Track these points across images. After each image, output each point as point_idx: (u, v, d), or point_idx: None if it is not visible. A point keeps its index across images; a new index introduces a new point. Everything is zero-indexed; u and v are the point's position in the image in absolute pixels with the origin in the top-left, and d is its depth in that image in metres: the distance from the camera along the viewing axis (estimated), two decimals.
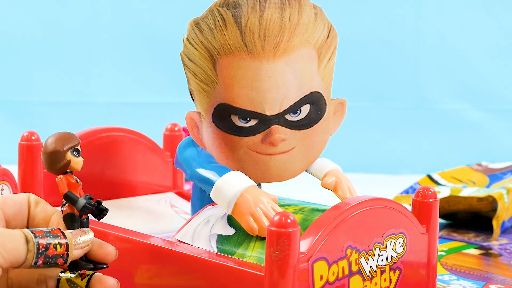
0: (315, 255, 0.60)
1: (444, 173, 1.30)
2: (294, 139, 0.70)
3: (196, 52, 0.70)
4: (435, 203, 0.70)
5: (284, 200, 0.75)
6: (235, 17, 0.68)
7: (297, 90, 0.69)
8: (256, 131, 0.69)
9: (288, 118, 0.69)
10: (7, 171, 0.80)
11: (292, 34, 0.68)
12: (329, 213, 0.62)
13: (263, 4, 0.67)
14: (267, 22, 0.67)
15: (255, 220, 0.65)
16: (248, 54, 0.68)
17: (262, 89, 0.68)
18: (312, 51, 0.69)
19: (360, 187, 1.56)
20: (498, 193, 1.08)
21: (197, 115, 0.72)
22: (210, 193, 0.68)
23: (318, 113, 0.71)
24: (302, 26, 0.68)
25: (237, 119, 0.69)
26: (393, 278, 0.66)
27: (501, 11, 1.78)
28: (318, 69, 0.70)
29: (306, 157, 0.72)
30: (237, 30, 0.68)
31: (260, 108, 0.68)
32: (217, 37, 0.69)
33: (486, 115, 1.79)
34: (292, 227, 0.56)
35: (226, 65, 0.69)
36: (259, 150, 0.70)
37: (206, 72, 0.70)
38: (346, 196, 0.74)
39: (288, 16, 0.68)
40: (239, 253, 0.65)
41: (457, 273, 0.89)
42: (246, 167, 0.71)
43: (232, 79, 0.68)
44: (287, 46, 0.68)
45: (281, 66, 0.68)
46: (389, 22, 1.78)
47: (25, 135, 0.83)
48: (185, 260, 0.66)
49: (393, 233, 0.66)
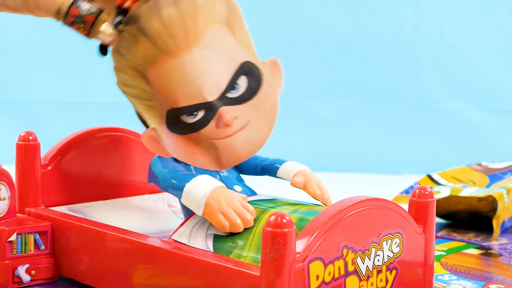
0: (311, 255, 0.60)
1: (444, 173, 1.30)
2: (246, 112, 0.72)
3: (127, 76, 0.73)
4: (431, 203, 0.70)
5: (280, 200, 0.75)
6: (140, 29, 0.71)
7: (226, 67, 0.71)
8: (207, 120, 0.71)
9: (230, 96, 0.71)
10: (4, 171, 0.80)
11: (195, 21, 0.70)
12: (325, 213, 0.62)
13: (157, 6, 0.70)
14: (168, 20, 0.70)
15: (226, 218, 0.67)
16: (166, 56, 0.70)
17: (193, 80, 0.70)
18: (221, 27, 0.72)
19: (360, 187, 1.56)
20: (498, 193, 1.08)
21: (152, 131, 0.74)
22: (181, 199, 0.70)
23: (256, 80, 0.73)
24: (200, 9, 0.71)
25: (186, 117, 0.71)
26: (389, 278, 0.66)
27: (501, 11, 1.77)
28: (235, 41, 0.73)
29: (266, 124, 0.74)
30: (147, 40, 0.70)
31: (200, 98, 0.70)
32: (135, 54, 0.71)
33: (486, 115, 1.79)
34: (288, 228, 0.56)
35: (154, 75, 0.71)
36: (219, 136, 0.71)
37: (143, 89, 0.73)
38: (316, 192, 0.76)
39: (184, 7, 0.70)
40: (236, 253, 0.66)
41: (457, 273, 0.89)
42: (216, 157, 0.72)
43: (165, 85, 0.71)
44: (196, 33, 0.70)
45: (200, 52, 0.70)
46: (389, 22, 1.78)
47: (22, 135, 0.83)
48: (182, 260, 0.66)
49: (389, 233, 0.66)
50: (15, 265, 0.78)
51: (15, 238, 0.78)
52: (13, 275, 0.78)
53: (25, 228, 0.79)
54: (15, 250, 0.78)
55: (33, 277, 0.79)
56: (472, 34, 1.77)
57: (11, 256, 0.78)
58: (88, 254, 0.77)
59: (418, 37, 1.78)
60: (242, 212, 0.67)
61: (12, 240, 0.78)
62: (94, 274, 0.76)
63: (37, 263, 0.79)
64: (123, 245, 0.72)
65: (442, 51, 1.78)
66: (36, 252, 0.80)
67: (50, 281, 0.81)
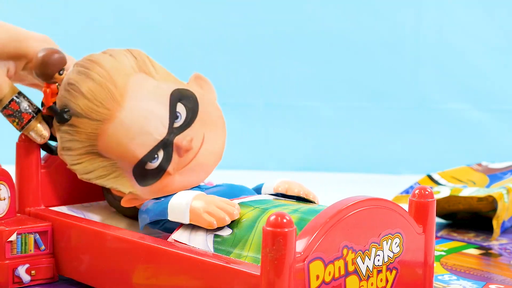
0: (311, 255, 0.60)
1: (444, 173, 1.30)
2: (197, 130, 0.77)
3: (84, 164, 0.77)
4: (431, 203, 0.70)
5: (280, 199, 0.75)
6: (75, 113, 0.76)
7: (160, 104, 0.76)
8: (169, 155, 0.76)
9: (177, 125, 0.76)
10: (4, 171, 0.80)
11: (114, 82, 0.75)
12: (325, 213, 0.62)
13: (75, 87, 0.75)
14: (91, 93, 0.75)
15: (211, 215, 0.69)
16: (106, 123, 0.75)
17: (138, 130, 0.75)
18: (137, 75, 0.77)
19: (360, 187, 1.57)
20: (498, 193, 1.08)
21: (129, 196, 0.77)
22: (168, 217, 0.72)
23: (191, 100, 0.78)
24: (112, 71, 0.76)
25: (150, 164, 0.75)
26: (389, 278, 0.66)
27: (501, 11, 1.77)
28: (155, 80, 0.77)
29: (218, 131, 0.79)
30: (83, 119, 0.75)
31: (153, 141, 0.75)
32: (80, 140, 0.76)
33: (487, 115, 1.79)
34: (288, 227, 0.56)
35: (105, 145, 0.76)
36: (186, 162, 0.76)
37: (103, 166, 0.77)
38: (300, 193, 0.77)
39: (97, 77, 0.75)
40: (236, 253, 0.66)
41: (457, 273, 0.89)
42: (192, 181, 0.77)
43: (118, 148, 0.75)
44: (120, 91, 0.75)
45: (131, 104, 0.75)
46: (389, 22, 1.78)
47: (22, 136, 0.83)
48: (182, 260, 0.66)
49: (389, 233, 0.66)
50: (15, 265, 0.78)
51: (15, 238, 0.78)
52: (13, 275, 0.78)
53: (25, 228, 0.79)
54: (15, 250, 0.78)
55: (33, 277, 0.79)
56: (472, 34, 1.77)
57: (11, 256, 0.78)
58: (88, 254, 0.77)
59: (418, 37, 1.78)
60: (225, 207, 0.70)
61: (12, 240, 0.78)
62: (94, 274, 0.76)
63: (37, 263, 0.79)
64: (123, 245, 0.72)
65: (442, 51, 1.78)
66: (36, 252, 0.80)
67: (50, 281, 0.81)
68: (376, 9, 1.78)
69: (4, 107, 0.79)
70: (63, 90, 0.77)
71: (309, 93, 1.79)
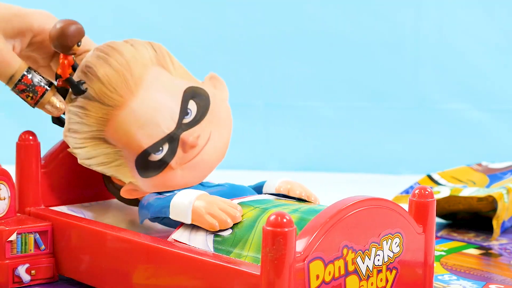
0: (311, 255, 0.60)
1: (444, 173, 1.30)
2: (205, 128, 0.77)
3: (87, 149, 0.77)
4: (431, 203, 0.70)
5: (281, 199, 0.75)
6: (85, 97, 0.76)
7: (172, 99, 0.76)
8: (174, 150, 0.75)
9: (186, 121, 0.76)
10: (5, 171, 0.80)
11: (131, 71, 0.75)
12: (325, 213, 0.62)
13: (92, 71, 0.76)
14: (106, 78, 0.75)
15: (214, 217, 0.68)
16: (117, 110, 0.75)
17: (148, 120, 0.75)
18: (155, 68, 0.77)
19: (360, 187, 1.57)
20: (498, 193, 1.08)
21: (129, 185, 0.78)
22: (170, 215, 0.72)
23: (204, 99, 0.78)
24: (131, 60, 0.76)
25: (153, 156, 0.75)
26: (389, 278, 0.66)
27: (501, 11, 1.77)
28: (172, 75, 0.78)
29: (225, 130, 0.80)
30: (94, 103, 0.75)
31: (160, 133, 0.75)
32: (89, 122, 0.76)
33: (487, 115, 1.79)
34: (288, 227, 0.56)
35: (112, 132, 0.76)
36: (189, 158, 0.76)
37: (106, 153, 0.77)
38: (302, 194, 0.77)
39: (115, 63, 0.75)
40: (236, 253, 0.66)
41: (457, 273, 0.89)
42: (194, 177, 0.77)
43: (125, 136, 0.75)
44: (135, 81, 0.75)
45: (145, 94, 0.75)
46: (389, 22, 1.77)
47: (22, 135, 0.83)
48: (182, 260, 0.66)
49: (389, 232, 0.66)
50: (15, 265, 0.78)
51: (15, 238, 0.78)
52: (13, 275, 0.78)
53: (25, 228, 0.79)
54: (15, 250, 0.78)
55: (33, 277, 0.79)
56: (472, 34, 1.77)
57: (11, 256, 0.78)
58: (88, 254, 0.77)
59: (418, 37, 1.78)
60: (228, 209, 0.69)
61: (12, 240, 0.78)
62: (94, 274, 0.76)
63: (37, 263, 0.79)
64: (123, 245, 0.72)
65: (442, 51, 1.78)
66: (36, 252, 0.80)
67: (50, 281, 0.81)
68: (376, 9, 1.78)
69: (17, 83, 0.77)
70: (79, 71, 0.77)
71: (309, 93, 1.79)
